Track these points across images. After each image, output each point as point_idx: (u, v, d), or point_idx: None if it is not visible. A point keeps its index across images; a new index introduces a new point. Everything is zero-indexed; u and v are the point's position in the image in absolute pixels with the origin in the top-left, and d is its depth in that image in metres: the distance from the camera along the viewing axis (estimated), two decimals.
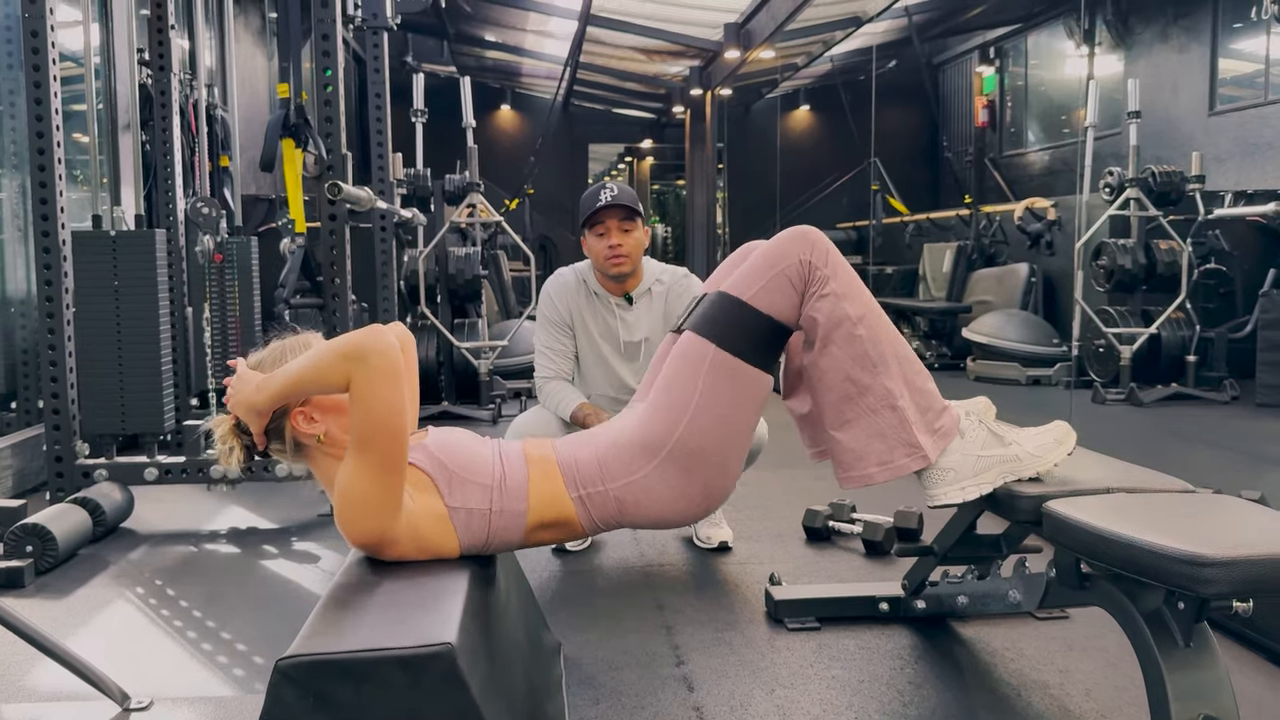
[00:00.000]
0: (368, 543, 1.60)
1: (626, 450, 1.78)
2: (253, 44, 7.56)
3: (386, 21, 4.95)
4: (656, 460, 1.75)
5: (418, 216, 5.71)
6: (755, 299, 1.77)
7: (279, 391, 1.61)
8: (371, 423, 1.53)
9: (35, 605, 2.59)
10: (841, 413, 1.80)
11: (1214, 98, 7.90)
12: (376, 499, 1.56)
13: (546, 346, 2.83)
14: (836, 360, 1.77)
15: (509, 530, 1.71)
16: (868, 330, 1.76)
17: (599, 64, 11.12)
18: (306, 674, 1.27)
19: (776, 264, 1.77)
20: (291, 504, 3.58)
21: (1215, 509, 1.66)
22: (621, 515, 1.79)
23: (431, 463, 1.68)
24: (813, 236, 1.80)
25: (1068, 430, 1.84)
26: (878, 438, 1.78)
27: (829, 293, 1.75)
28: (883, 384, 1.76)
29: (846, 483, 1.83)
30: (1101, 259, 6.18)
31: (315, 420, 1.67)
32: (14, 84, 4.28)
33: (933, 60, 12.30)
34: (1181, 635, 1.51)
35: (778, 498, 3.57)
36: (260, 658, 2.25)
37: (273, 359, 1.71)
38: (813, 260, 1.76)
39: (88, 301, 3.34)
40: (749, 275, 1.80)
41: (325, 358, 1.56)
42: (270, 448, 1.71)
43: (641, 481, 1.75)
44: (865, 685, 2.07)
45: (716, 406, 1.75)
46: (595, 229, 2.67)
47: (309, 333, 1.77)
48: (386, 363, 1.53)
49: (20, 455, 3.76)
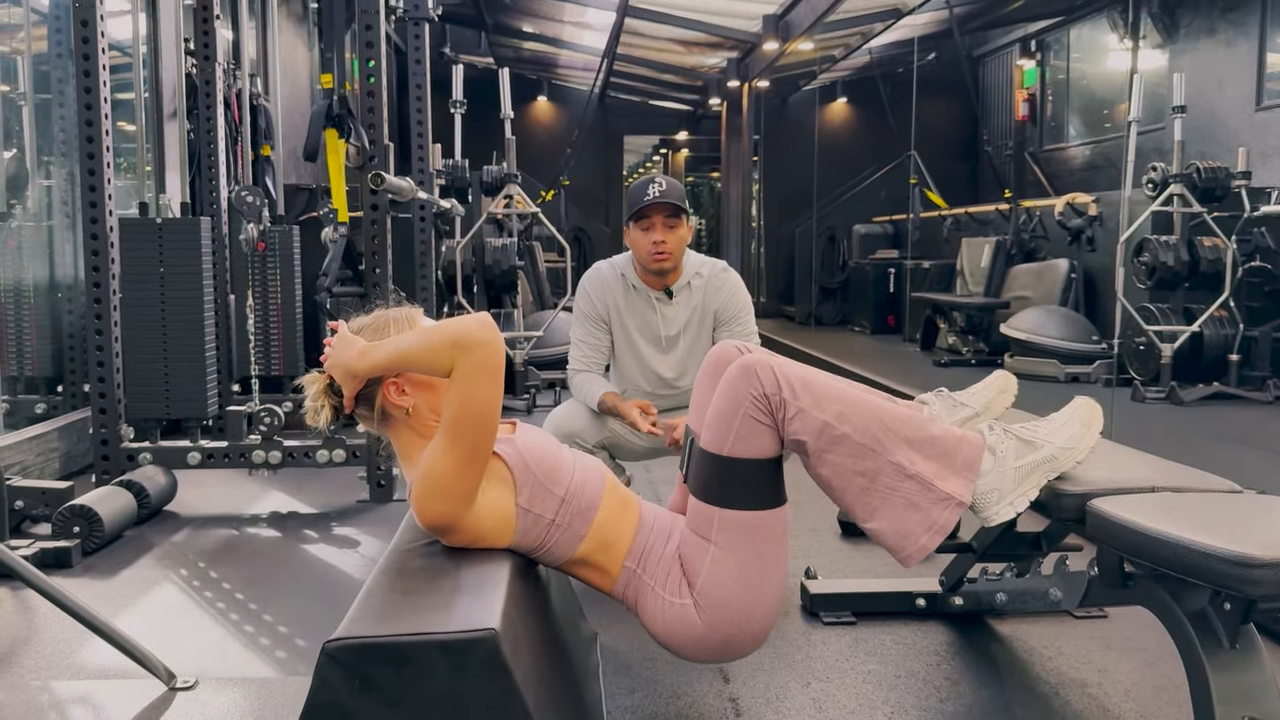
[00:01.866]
0: (436, 524, 1.62)
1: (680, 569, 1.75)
2: (294, 35, 7.63)
3: (428, 13, 4.98)
4: (691, 598, 1.71)
5: (456, 207, 5.74)
6: (734, 450, 1.72)
7: (383, 362, 1.64)
8: (467, 413, 1.55)
9: (83, 585, 2.64)
10: (867, 504, 1.75)
11: (1261, 93, 7.74)
12: (455, 486, 1.57)
13: (581, 340, 2.85)
14: (837, 466, 1.74)
15: (561, 547, 1.71)
16: (850, 425, 1.71)
17: (636, 55, 11.10)
18: (353, 656, 1.29)
19: (736, 410, 1.72)
20: (331, 489, 3.62)
21: (1263, 510, 1.64)
22: (640, 611, 1.77)
23: (517, 461, 1.68)
24: (755, 368, 1.73)
25: (1091, 408, 1.81)
26: (911, 509, 1.73)
27: (796, 412, 1.71)
28: (888, 461, 1.72)
29: (907, 562, 1.77)
30: (1144, 255, 6.10)
31: (406, 394, 1.70)
32: (63, 73, 4.36)
33: (973, 53, 12.15)
34: (1227, 636, 1.49)
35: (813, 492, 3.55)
36: (302, 640, 2.29)
37: (375, 327, 1.74)
38: (765, 391, 1.71)
39: (134, 288, 3.40)
40: (717, 429, 1.75)
41: (436, 340, 1.59)
42: (357, 412, 1.74)
43: (675, 609, 1.72)
44: (901, 680, 2.07)
45: (735, 560, 1.71)
46: (640, 223, 2.68)
47: (411, 307, 1.80)
48: (493, 358, 1.56)
49: (67, 438, 3.83)
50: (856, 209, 11.45)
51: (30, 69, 4.46)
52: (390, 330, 1.72)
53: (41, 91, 4.52)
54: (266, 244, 4.29)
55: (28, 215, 4.44)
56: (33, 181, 4.47)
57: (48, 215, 4.48)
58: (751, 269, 11.99)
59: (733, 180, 11.95)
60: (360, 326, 1.75)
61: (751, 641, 1.75)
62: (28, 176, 4.46)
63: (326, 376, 1.73)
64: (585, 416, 2.76)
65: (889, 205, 11.11)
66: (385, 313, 1.78)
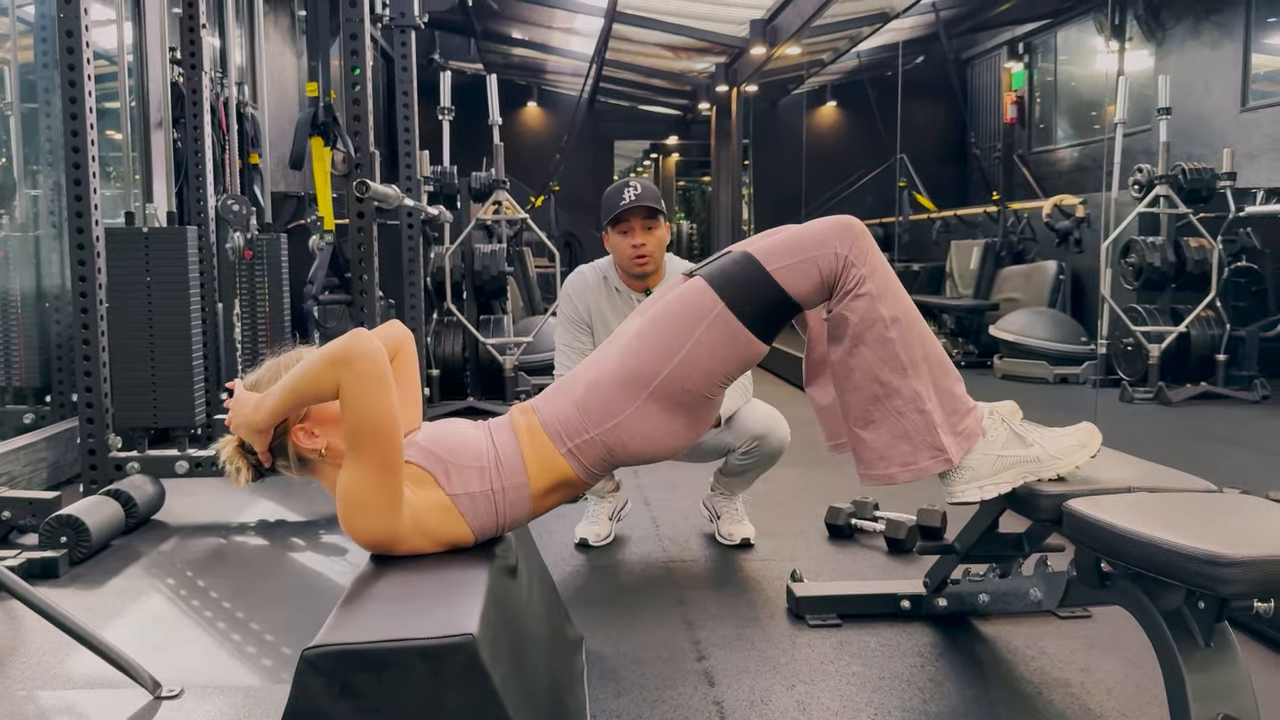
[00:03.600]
0: (374, 542, 1.62)
1: (607, 389, 1.76)
2: (282, 42, 7.63)
3: (414, 20, 4.99)
4: (639, 400, 1.73)
5: (444, 214, 5.74)
6: (779, 273, 1.74)
7: (275, 407, 1.62)
8: (363, 425, 1.54)
9: (70, 595, 2.64)
10: (868, 412, 1.78)
11: (1246, 94, 7.78)
12: (376, 499, 1.57)
13: (565, 344, 2.86)
14: (866, 361, 1.75)
15: (516, 506, 1.72)
16: (900, 333, 1.74)
17: (625, 61, 11.13)
18: (331, 663, 1.30)
19: (811, 249, 1.75)
20: (319, 497, 3.62)
21: (1236, 509, 1.65)
22: (612, 458, 1.78)
23: (424, 456, 1.69)
24: (854, 231, 1.77)
25: (1093, 433, 1.83)
26: (903, 439, 1.77)
27: (865, 292, 1.73)
28: (912, 387, 1.75)
29: (867, 480, 1.82)
30: (1130, 256, 6.13)
31: (316, 435, 1.69)
32: (50, 82, 4.35)
33: (961, 56, 12.20)
34: (1202, 635, 1.50)
35: (800, 495, 3.58)
36: (287, 648, 2.29)
37: (269, 377, 1.72)
38: (849, 256, 1.74)
39: (120, 297, 3.40)
40: (780, 249, 1.77)
41: (313, 366, 1.57)
42: (277, 464, 1.74)
43: (626, 423, 1.74)
44: (886, 682, 2.08)
45: (707, 360, 1.74)
46: (619, 227, 2.70)
47: (301, 347, 1.78)
48: (372, 365, 1.54)
49: (54, 448, 3.83)
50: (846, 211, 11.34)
51: (17, 78, 4.46)
52: (282, 375, 1.68)
53: (28, 101, 4.52)
54: (254, 252, 4.29)
55: (14, 225, 4.44)
56: (19, 191, 4.47)
57: (34, 225, 4.48)
58: None
59: (723, 184, 11.97)
60: (255, 380, 1.74)
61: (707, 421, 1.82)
62: (14, 186, 4.46)
63: (236, 438, 1.72)
64: None
65: (878, 208, 11.14)
66: (275, 360, 1.76)
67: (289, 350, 1.77)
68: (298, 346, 1.80)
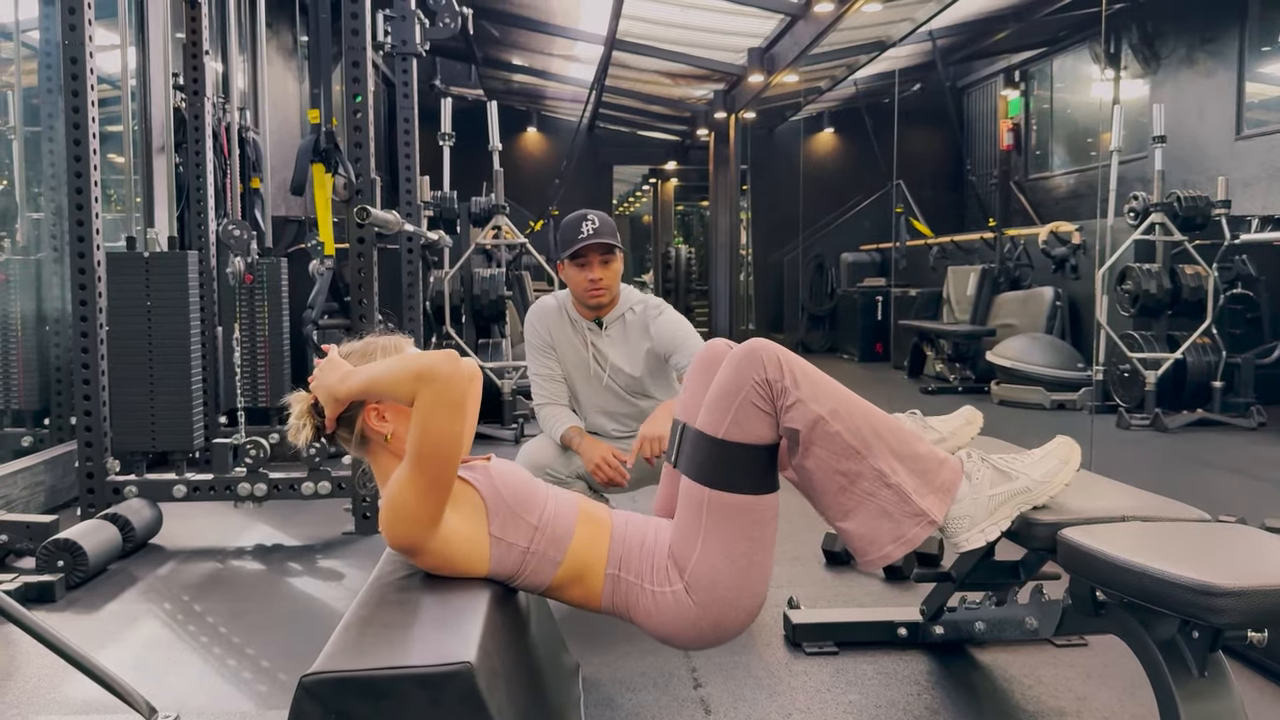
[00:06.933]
0: (402, 545, 1.66)
1: (667, 558, 1.78)
2: (284, 68, 7.69)
3: (416, 48, 5.02)
4: (682, 583, 1.75)
5: (444, 238, 5.78)
6: (730, 434, 1.74)
7: (357, 387, 1.68)
8: (427, 444, 1.58)
9: (66, 619, 2.64)
10: (841, 504, 1.78)
11: (1241, 122, 7.84)
12: (417, 513, 1.61)
13: (536, 373, 2.89)
14: (821, 460, 1.75)
15: (539, 574, 1.74)
16: (843, 422, 1.74)
17: (624, 87, 11.20)
18: (329, 691, 1.30)
19: (737, 393, 1.74)
20: (317, 521, 3.62)
21: (1230, 538, 1.66)
22: (633, 613, 1.79)
23: (490, 490, 1.71)
24: (761, 352, 1.75)
25: (1070, 446, 1.84)
26: (883, 517, 1.75)
27: (794, 401, 1.72)
28: (872, 466, 1.74)
29: (869, 566, 1.82)
30: (1126, 283, 6.16)
31: (386, 420, 1.74)
32: (53, 107, 4.39)
33: (957, 84, 12.29)
34: (1196, 665, 1.51)
35: (797, 521, 3.58)
36: (284, 674, 2.29)
37: (361, 353, 1.79)
38: (768, 377, 1.73)
39: (121, 321, 3.41)
40: (715, 410, 1.77)
41: (400, 371, 1.63)
42: (338, 434, 1.78)
43: (666, 597, 1.75)
44: (882, 711, 2.08)
45: (724, 542, 1.74)
46: (576, 261, 2.72)
47: (399, 336, 1.84)
48: (452, 392, 1.58)
49: (52, 471, 3.83)
50: (843, 237, 11.53)
51: (20, 103, 4.49)
52: (376, 356, 1.76)
53: (31, 125, 4.55)
54: (254, 277, 4.31)
55: (16, 249, 4.46)
56: (21, 215, 4.49)
57: (36, 249, 4.50)
58: (741, 297, 12.05)
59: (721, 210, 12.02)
60: (349, 351, 1.80)
61: (745, 618, 1.78)
62: (17, 210, 4.48)
63: (312, 396, 1.77)
64: (554, 449, 2.79)
65: (875, 234, 11.20)
66: (375, 339, 1.82)
67: (390, 335, 1.83)
68: (398, 334, 1.85)
